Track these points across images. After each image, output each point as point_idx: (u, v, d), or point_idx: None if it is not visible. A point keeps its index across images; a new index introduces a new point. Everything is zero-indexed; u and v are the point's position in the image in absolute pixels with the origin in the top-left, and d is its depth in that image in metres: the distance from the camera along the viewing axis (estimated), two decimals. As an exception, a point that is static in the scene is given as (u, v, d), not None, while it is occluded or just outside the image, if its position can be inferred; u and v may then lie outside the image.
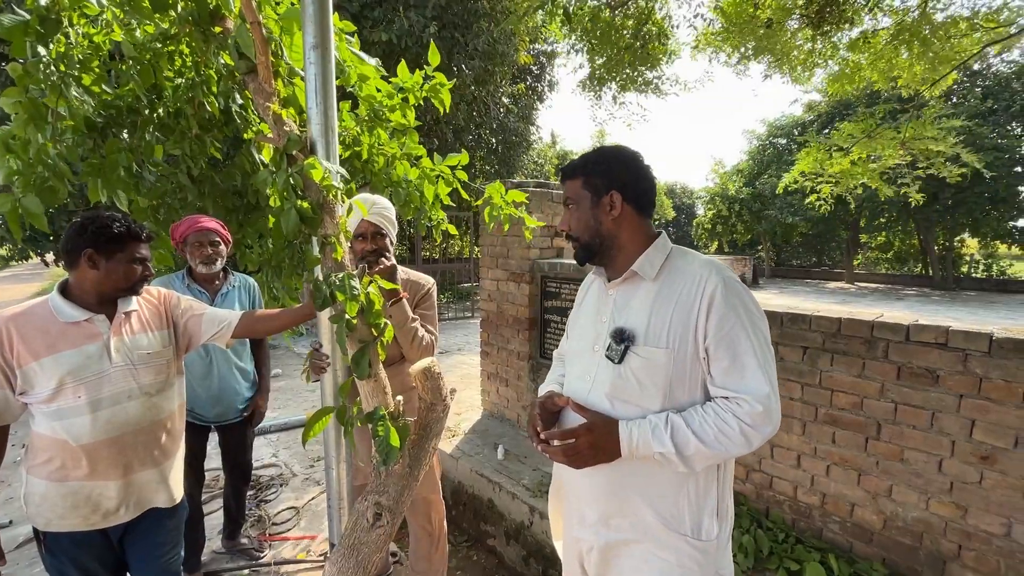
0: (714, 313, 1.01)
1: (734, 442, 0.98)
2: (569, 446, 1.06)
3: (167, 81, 1.76)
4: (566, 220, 1.19)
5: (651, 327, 1.05)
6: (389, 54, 7.78)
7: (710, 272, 1.05)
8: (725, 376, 1.02)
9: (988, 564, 1.78)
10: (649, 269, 1.10)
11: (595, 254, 1.17)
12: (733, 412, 0.99)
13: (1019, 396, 1.67)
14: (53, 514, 1.39)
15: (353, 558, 1.27)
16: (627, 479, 1.09)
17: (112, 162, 1.67)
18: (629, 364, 1.06)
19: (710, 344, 1.02)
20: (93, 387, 1.38)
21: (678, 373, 1.04)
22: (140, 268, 1.45)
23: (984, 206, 14.24)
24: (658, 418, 1.02)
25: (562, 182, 1.20)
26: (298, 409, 4.80)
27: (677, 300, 1.05)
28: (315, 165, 1.23)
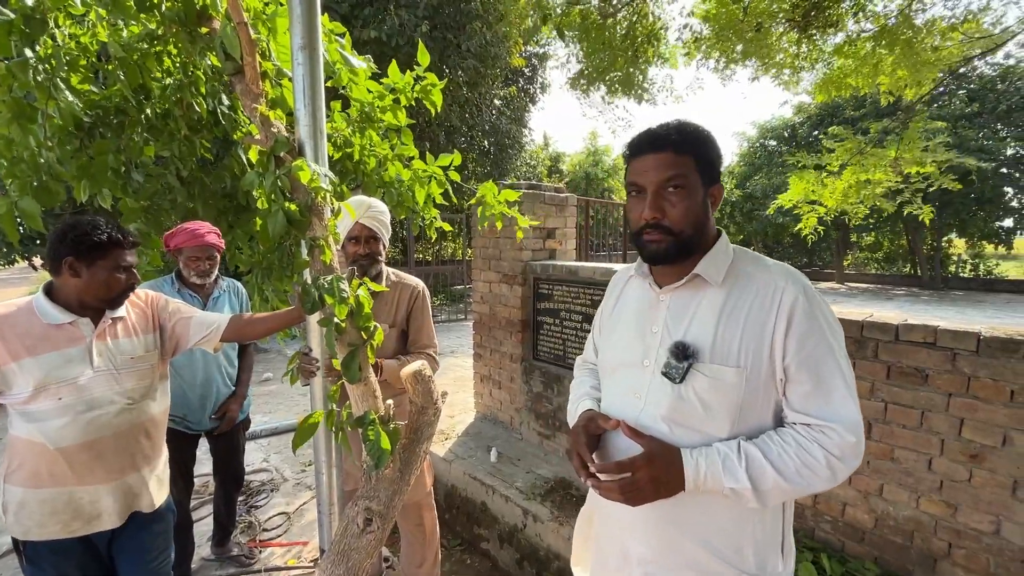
0: (795, 328, 0.88)
1: (819, 476, 0.86)
2: (626, 481, 0.90)
3: (155, 82, 1.74)
4: (658, 206, 0.92)
5: (718, 342, 0.91)
6: (380, 54, 7.76)
7: (787, 280, 0.91)
8: (807, 400, 0.88)
9: (978, 562, 1.79)
10: (715, 273, 0.94)
11: (689, 252, 0.95)
12: (819, 442, 0.86)
13: (1007, 395, 1.69)
14: (32, 522, 1.36)
15: (343, 564, 1.25)
16: (683, 511, 0.94)
17: (100, 163, 1.65)
18: (692, 384, 0.91)
19: (790, 364, 0.88)
20: (73, 390, 1.36)
21: (749, 395, 0.90)
22: (124, 277, 1.42)
23: (971, 207, 14.45)
24: (727, 447, 0.89)
25: (657, 152, 0.92)
26: (289, 413, 4.76)
27: (749, 311, 0.91)
28: (303, 167, 1.22)
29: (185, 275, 2.18)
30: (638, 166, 0.95)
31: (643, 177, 0.93)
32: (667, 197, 0.92)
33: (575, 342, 3.10)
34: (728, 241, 0.99)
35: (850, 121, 14.28)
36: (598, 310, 1.25)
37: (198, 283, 2.19)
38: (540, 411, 3.33)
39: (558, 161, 24.46)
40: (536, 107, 13.58)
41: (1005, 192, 14.28)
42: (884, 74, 4.86)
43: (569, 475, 2.90)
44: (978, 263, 18.00)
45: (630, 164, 0.98)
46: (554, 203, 3.51)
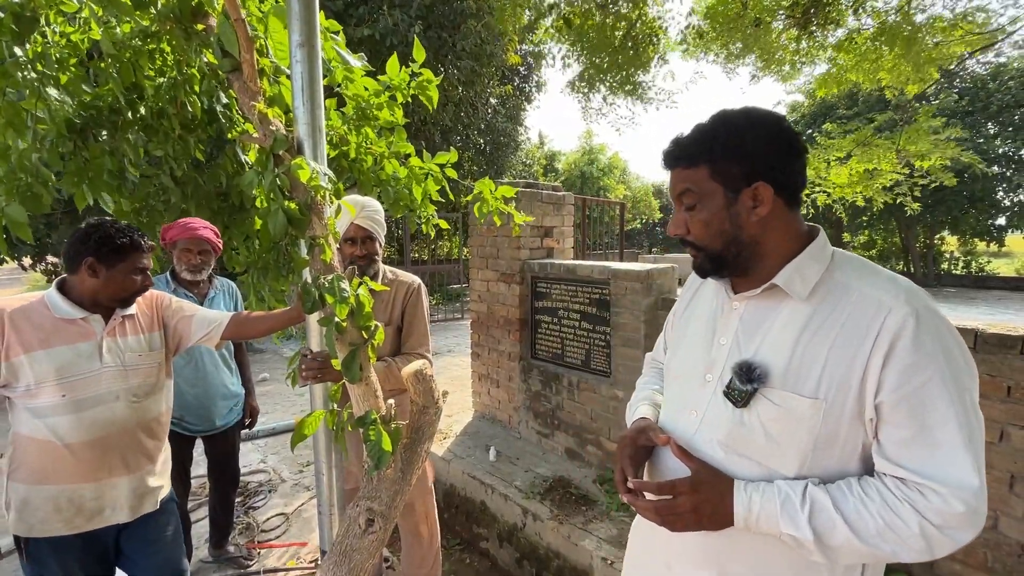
0: (896, 358, 0.71)
1: (907, 544, 0.71)
2: (665, 505, 0.81)
3: (148, 80, 1.72)
4: (680, 222, 0.87)
5: (794, 366, 0.77)
6: (374, 53, 7.73)
7: (897, 297, 0.74)
8: (904, 449, 0.72)
9: (976, 557, 1.80)
10: (800, 284, 0.80)
11: (726, 266, 0.86)
12: (912, 503, 0.70)
13: (1004, 391, 1.70)
14: (35, 519, 1.37)
15: (345, 565, 1.25)
16: (736, 546, 0.84)
17: (98, 165, 1.63)
18: (757, 410, 0.79)
19: (884, 401, 0.72)
20: (80, 385, 1.39)
21: (828, 434, 0.76)
22: (140, 279, 1.48)
23: (963, 205, 14.58)
24: (791, 487, 0.76)
25: (670, 168, 0.87)
26: (286, 413, 4.74)
27: (839, 333, 0.75)
28: (302, 165, 1.21)
29: (178, 270, 2.17)
30: (669, 179, 0.90)
31: (672, 192, 0.89)
32: (687, 213, 0.86)
33: (573, 341, 3.09)
34: (826, 244, 0.84)
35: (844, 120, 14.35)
36: (673, 308, 1.14)
37: (189, 279, 2.18)
38: (538, 410, 3.33)
39: (553, 160, 24.47)
40: (532, 106, 13.57)
41: (996, 190, 14.42)
42: (885, 70, 4.89)
43: (568, 474, 2.90)
44: (970, 260, 18.17)
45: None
46: (551, 201, 3.50)
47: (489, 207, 2.20)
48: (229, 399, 2.39)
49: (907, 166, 9.27)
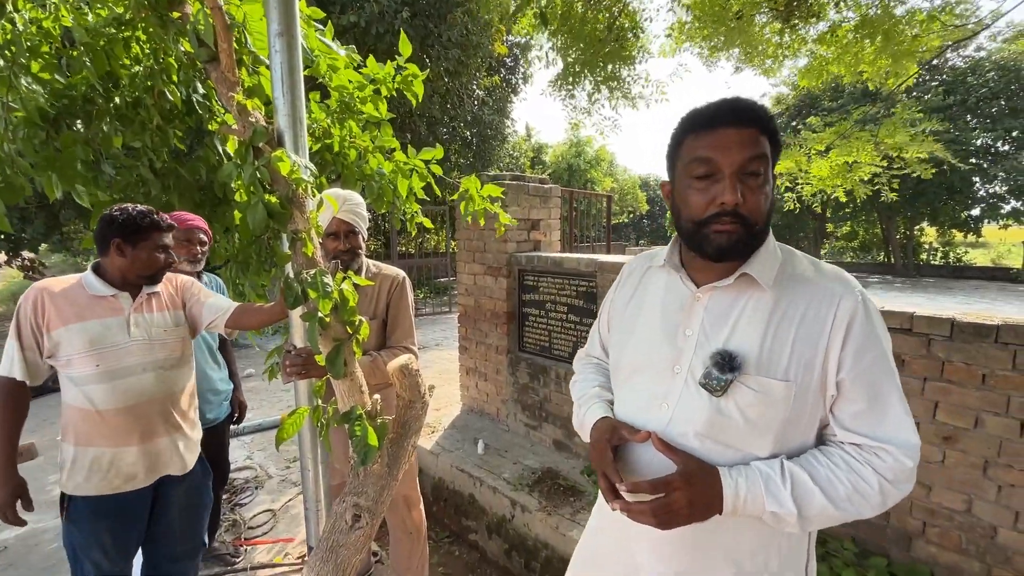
0: (852, 341, 0.79)
1: (870, 503, 0.78)
2: (660, 503, 0.79)
3: (124, 69, 1.67)
4: (742, 191, 0.78)
5: (766, 351, 0.81)
6: (359, 42, 7.61)
7: (846, 287, 0.82)
8: (860, 419, 0.80)
9: (951, 539, 1.86)
10: (767, 274, 0.84)
11: (755, 246, 0.84)
12: (872, 465, 0.79)
13: (979, 378, 1.75)
14: (80, 477, 1.52)
15: (332, 561, 1.24)
16: (706, 532, 0.86)
17: (69, 155, 1.58)
18: (735, 398, 0.82)
19: (844, 379, 0.80)
20: (112, 357, 1.52)
21: (796, 412, 0.81)
22: (163, 256, 1.59)
23: (942, 196, 14.87)
24: (769, 467, 0.80)
25: (740, 127, 0.79)
26: (272, 410, 4.70)
27: (802, 320, 0.81)
28: (283, 158, 1.19)
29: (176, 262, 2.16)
30: (712, 140, 0.79)
31: (722, 154, 0.78)
32: (747, 182, 0.79)
33: (561, 333, 3.10)
34: (775, 240, 0.89)
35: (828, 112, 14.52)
36: (606, 300, 1.12)
37: (189, 270, 2.15)
38: (526, 402, 3.34)
39: (540, 152, 24.40)
40: (518, 98, 13.49)
41: (974, 182, 14.72)
42: (866, 63, 4.95)
43: (556, 465, 2.92)
44: (948, 251, 18.57)
45: (697, 137, 0.82)
46: (538, 194, 3.50)
47: (475, 206, 2.19)
48: (218, 394, 2.37)
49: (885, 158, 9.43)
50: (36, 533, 2.77)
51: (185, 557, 1.82)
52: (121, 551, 1.62)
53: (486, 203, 2.23)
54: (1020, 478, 1.71)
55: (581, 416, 1.05)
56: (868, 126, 9.81)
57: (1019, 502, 1.71)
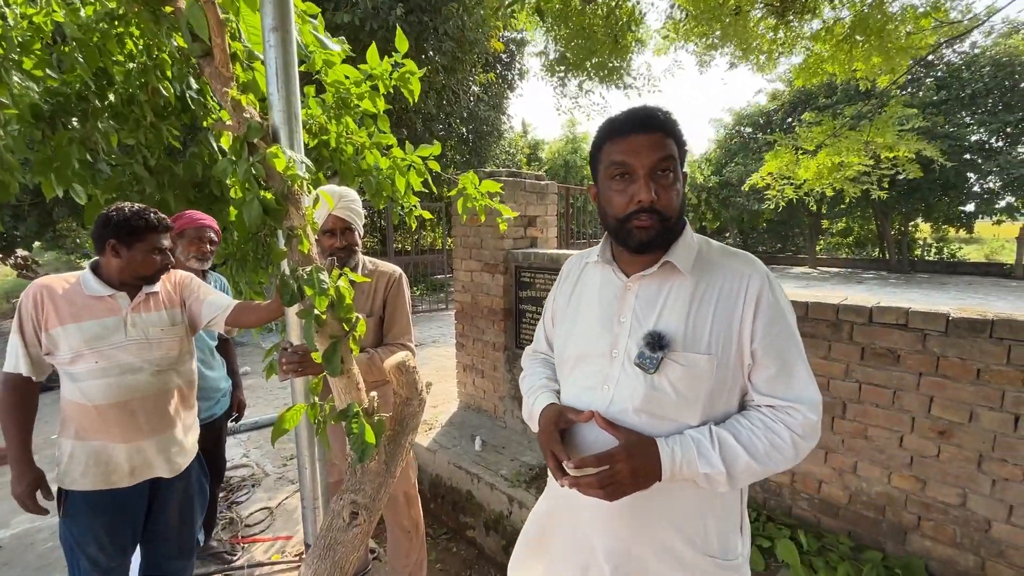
0: (762, 314, 0.90)
1: (784, 456, 0.89)
2: (606, 474, 0.87)
3: (117, 66, 1.65)
4: (655, 187, 0.89)
5: (690, 330, 0.91)
6: (354, 39, 7.55)
7: (753, 268, 0.94)
8: (772, 383, 0.91)
9: (945, 533, 1.87)
10: (686, 261, 0.94)
11: (671, 241, 0.95)
12: (784, 423, 0.89)
13: (973, 373, 1.76)
14: (77, 471, 1.54)
15: (329, 559, 1.24)
16: (652, 502, 0.94)
17: (64, 154, 1.57)
18: (666, 374, 0.91)
19: (757, 348, 0.91)
20: (108, 355, 1.53)
21: (719, 382, 0.91)
22: (159, 258, 1.58)
23: (936, 192, 14.90)
24: (700, 433, 0.90)
25: (648, 132, 0.90)
26: (268, 407, 4.69)
27: (718, 299, 0.92)
28: (278, 154, 1.18)
29: (183, 259, 2.14)
30: (625, 146, 0.90)
31: (634, 157, 0.89)
32: (658, 180, 0.90)
33: (558, 330, 3.10)
34: (691, 230, 1.00)
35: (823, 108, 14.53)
36: (549, 298, 1.22)
37: (196, 267, 2.14)
38: (524, 399, 3.34)
39: (537, 149, 24.35)
40: (514, 94, 13.44)
41: (968, 177, 14.76)
42: (859, 60, 4.94)
43: (553, 461, 2.92)
44: (942, 247, 18.65)
45: (613, 144, 0.93)
46: (535, 191, 3.49)
47: (473, 203, 2.18)
48: (216, 392, 2.36)
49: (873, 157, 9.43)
50: (31, 532, 2.76)
51: (183, 555, 1.83)
52: (117, 547, 1.62)
53: (485, 199, 2.22)
54: (1014, 472, 1.72)
55: (530, 407, 1.11)
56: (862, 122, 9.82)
57: (1013, 496, 1.73)
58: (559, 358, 1.12)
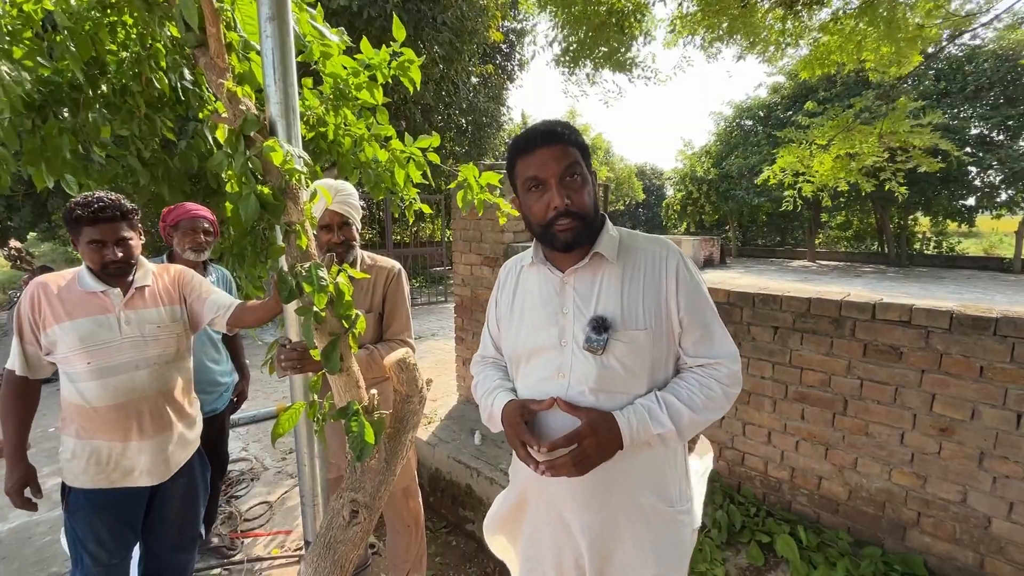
0: (682, 287, 1.03)
1: (718, 405, 1.01)
2: (576, 452, 0.97)
3: (110, 55, 1.61)
4: (567, 192, 1.00)
5: (626, 310, 1.03)
6: (351, 27, 7.46)
7: (667, 248, 1.07)
8: (698, 346, 1.04)
9: (945, 529, 1.87)
10: (611, 250, 1.06)
11: (592, 234, 1.06)
12: (714, 377, 1.02)
13: (976, 370, 1.75)
14: (78, 469, 1.53)
15: (330, 557, 1.23)
16: (617, 472, 1.04)
17: (55, 145, 1.53)
18: (613, 353, 1.02)
19: (684, 317, 1.03)
20: (103, 354, 1.50)
21: (658, 352, 1.04)
22: (103, 251, 1.48)
23: (936, 186, 14.86)
24: (648, 400, 1.01)
25: (551, 145, 1.00)
26: (268, 401, 4.68)
27: (644, 279, 1.04)
28: (275, 147, 1.15)
29: (179, 251, 2.11)
30: (534, 161, 1.00)
31: (543, 170, 1.00)
32: (569, 185, 1.00)
33: (558, 324, 3.09)
34: (610, 223, 1.10)
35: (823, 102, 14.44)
36: (490, 305, 1.29)
37: (192, 259, 2.11)
38: (523, 393, 3.33)
39: (537, 140, 24.17)
40: (514, 85, 13.32)
41: (969, 172, 14.72)
42: (868, 51, 4.86)
43: (553, 456, 2.92)
44: (941, 241, 18.63)
45: (523, 160, 1.03)
46: (535, 184, 3.46)
47: (473, 195, 2.15)
48: (218, 386, 2.34)
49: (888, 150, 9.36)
50: (30, 526, 2.76)
51: (185, 548, 1.83)
52: (119, 543, 1.63)
53: (485, 193, 2.19)
54: (1015, 470, 1.72)
55: (489, 408, 1.17)
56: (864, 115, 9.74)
57: (1014, 493, 1.73)
58: (511, 357, 1.19)
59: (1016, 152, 13.72)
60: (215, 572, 2.39)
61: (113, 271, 1.52)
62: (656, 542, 1.07)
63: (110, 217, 1.47)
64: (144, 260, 1.65)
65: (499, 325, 1.25)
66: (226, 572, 2.40)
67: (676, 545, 1.09)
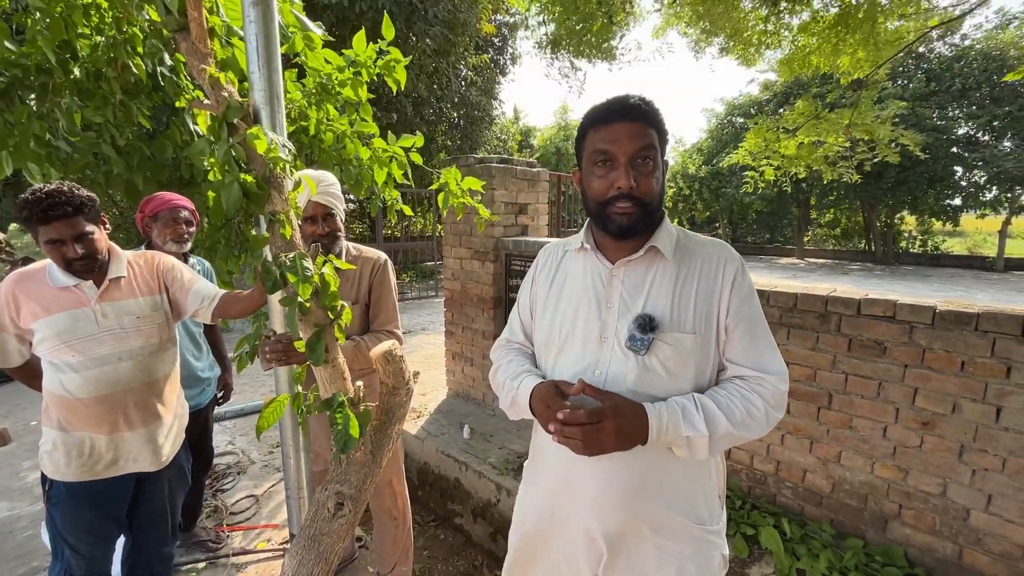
0: (736, 293, 0.97)
1: (758, 423, 0.94)
2: (592, 428, 0.89)
3: (83, 39, 1.57)
4: (635, 175, 0.92)
5: (676, 311, 0.96)
6: (342, 21, 7.37)
7: (728, 252, 1.02)
8: (746, 356, 0.97)
9: (925, 521, 1.90)
10: (668, 246, 1.00)
11: (651, 227, 0.99)
12: (758, 392, 0.95)
13: (958, 365, 1.77)
14: (60, 462, 1.50)
15: (314, 550, 1.22)
16: (645, 482, 0.98)
17: (21, 130, 1.49)
18: (656, 354, 0.95)
19: (731, 323, 0.97)
20: (83, 348, 1.46)
21: (703, 359, 0.97)
22: (64, 249, 1.41)
23: (923, 185, 15.05)
24: (685, 399, 0.94)
25: (629, 121, 0.93)
26: (255, 394, 4.64)
27: (699, 281, 0.98)
28: (259, 135, 1.13)
29: (160, 243, 2.06)
30: (607, 134, 0.94)
31: (615, 145, 0.93)
32: (639, 168, 0.94)
33: (547, 318, 3.08)
34: (668, 219, 1.05)
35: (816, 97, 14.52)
36: (523, 288, 1.22)
37: (175, 251, 2.06)
38: (512, 387, 3.33)
39: (528, 135, 24.15)
40: (506, 79, 13.26)
41: (955, 171, 14.91)
42: (845, 54, 4.90)
43: (541, 450, 2.93)
44: (926, 239, 18.90)
45: (595, 132, 0.96)
46: (526, 178, 3.45)
47: (454, 199, 2.13)
48: (200, 381, 2.31)
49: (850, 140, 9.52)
50: (11, 520, 2.71)
51: (167, 541, 1.82)
52: (101, 536, 1.61)
53: (465, 197, 2.17)
54: (994, 462, 1.75)
55: (514, 392, 1.09)
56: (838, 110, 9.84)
57: (992, 486, 1.76)
58: (543, 345, 1.12)
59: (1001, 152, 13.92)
60: (201, 566, 2.37)
61: (79, 268, 1.45)
62: (680, 560, 1.00)
63: (62, 214, 1.36)
64: (117, 249, 1.59)
65: (532, 311, 1.18)
66: (212, 566, 2.38)
67: (702, 568, 1.01)
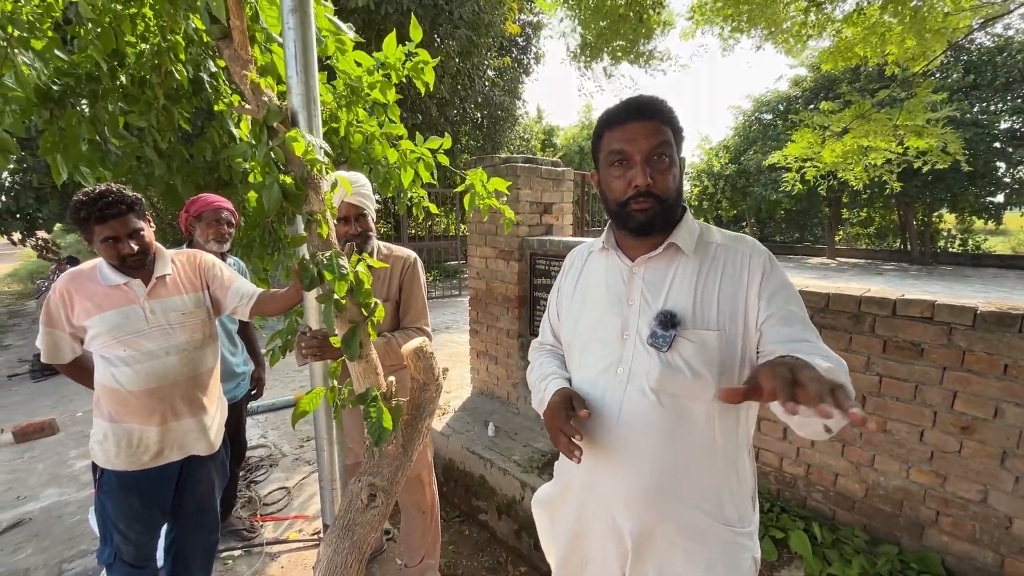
0: (767, 286, 0.93)
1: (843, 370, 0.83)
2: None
3: (129, 47, 1.64)
4: (652, 173, 0.93)
5: (698, 308, 0.94)
6: (368, 23, 7.49)
7: (754, 246, 0.99)
8: (795, 337, 0.89)
9: (964, 529, 1.84)
10: (689, 242, 0.99)
11: (670, 220, 0.99)
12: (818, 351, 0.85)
13: (1000, 368, 1.71)
14: (110, 452, 1.58)
15: (348, 539, 1.26)
16: (672, 479, 0.97)
17: (72, 135, 1.57)
18: (679, 351, 0.93)
19: (770, 317, 0.91)
20: (133, 343, 1.55)
21: (728, 357, 0.93)
22: (118, 246, 1.50)
23: (963, 182, 14.45)
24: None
25: (643, 120, 0.94)
26: (286, 389, 4.77)
27: (722, 277, 0.96)
28: (297, 138, 1.17)
29: (202, 242, 2.16)
30: (622, 134, 0.95)
31: (631, 145, 0.94)
32: (655, 165, 0.94)
33: (572, 318, 3.09)
34: (691, 215, 1.04)
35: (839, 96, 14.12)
36: (553, 290, 1.24)
37: (216, 250, 2.16)
38: (536, 386, 3.34)
39: (551, 135, 24.10)
40: (530, 78, 13.26)
41: (997, 167, 14.26)
42: (892, 44, 4.74)
43: (566, 448, 2.93)
44: (967, 238, 18.13)
45: (611, 132, 0.97)
46: (551, 177, 3.45)
47: (480, 200, 2.16)
48: (235, 376, 2.40)
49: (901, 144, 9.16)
50: (60, 506, 2.86)
51: (211, 529, 1.90)
52: (148, 523, 1.69)
53: (491, 199, 2.19)
54: (1039, 469, 1.68)
55: (542, 393, 1.11)
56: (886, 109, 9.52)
57: (1037, 493, 1.69)
58: (568, 345, 1.14)
59: (1047, 147, 13.25)
60: (236, 554, 2.46)
61: (132, 263, 1.55)
62: (708, 562, 0.98)
63: (118, 212, 1.48)
64: (162, 248, 1.68)
65: (559, 312, 1.21)
66: (246, 554, 2.46)
67: (731, 570, 0.99)
